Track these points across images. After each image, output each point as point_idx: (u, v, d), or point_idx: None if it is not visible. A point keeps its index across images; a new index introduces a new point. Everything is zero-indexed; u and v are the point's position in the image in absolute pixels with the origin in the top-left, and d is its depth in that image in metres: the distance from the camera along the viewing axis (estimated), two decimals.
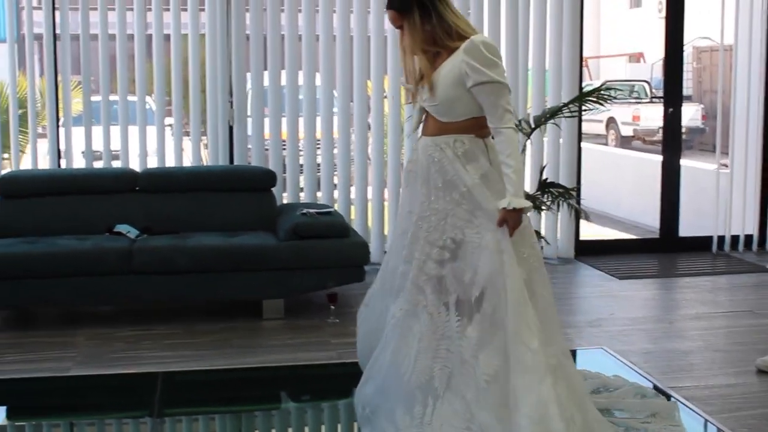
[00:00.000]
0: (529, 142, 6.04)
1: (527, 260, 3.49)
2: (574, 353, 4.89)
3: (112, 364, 4.67)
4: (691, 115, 15.47)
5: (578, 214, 6.87)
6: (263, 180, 6.09)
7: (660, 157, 7.76)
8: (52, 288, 5.28)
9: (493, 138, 3.49)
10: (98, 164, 6.69)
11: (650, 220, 8.65)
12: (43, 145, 6.86)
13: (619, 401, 3.97)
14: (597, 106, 6.09)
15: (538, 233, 6.04)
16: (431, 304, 3.46)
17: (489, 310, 3.38)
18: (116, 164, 6.76)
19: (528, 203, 3.39)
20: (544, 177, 6.11)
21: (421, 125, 3.63)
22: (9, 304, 5.38)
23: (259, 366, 4.65)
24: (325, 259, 5.47)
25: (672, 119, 7.57)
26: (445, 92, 3.45)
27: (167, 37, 6.72)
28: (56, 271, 5.27)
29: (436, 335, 3.43)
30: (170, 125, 7.12)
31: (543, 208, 6.03)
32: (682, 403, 4.03)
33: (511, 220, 3.36)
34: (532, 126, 5.93)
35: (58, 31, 6.59)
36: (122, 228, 5.63)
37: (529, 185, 6.88)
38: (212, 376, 4.58)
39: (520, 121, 6.00)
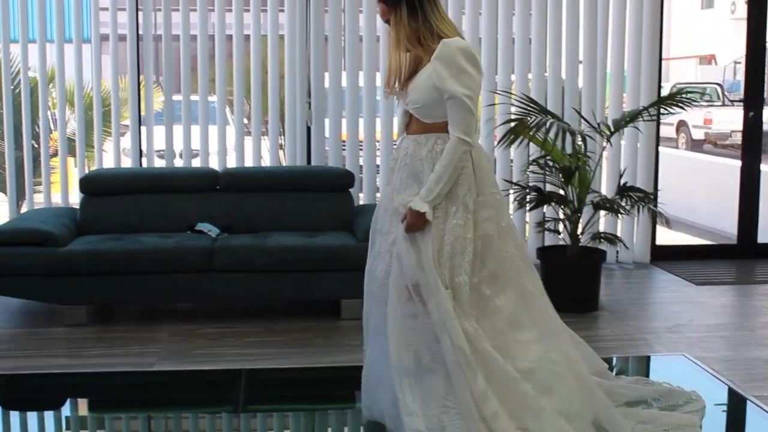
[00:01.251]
0: (608, 145, 5.99)
1: (510, 259, 3.56)
2: (648, 360, 4.90)
3: (195, 360, 4.75)
4: None
5: (656, 218, 6.79)
6: (342, 180, 6.13)
7: (735, 161, 7.63)
8: (137, 284, 5.39)
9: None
10: (175, 163, 6.81)
11: (726, 225, 8.49)
12: (124, 144, 7.00)
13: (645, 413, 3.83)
14: (677, 110, 6.03)
15: (615, 237, 6.00)
16: (395, 289, 3.51)
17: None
18: (194, 163, 6.87)
19: (424, 209, 3.37)
20: (623, 181, 6.06)
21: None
22: (94, 299, 5.48)
23: (343, 365, 4.68)
24: None
25: (752, 123, 7.44)
26: (425, 95, 3.47)
27: (247, 38, 6.82)
28: (141, 268, 5.37)
29: (400, 315, 3.49)
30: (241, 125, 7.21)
31: (621, 212, 5.98)
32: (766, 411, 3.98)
33: (409, 217, 3.41)
34: (612, 129, 5.89)
35: (140, 32, 6.74)
36: (203, 226, 5.72)
37: (605, 188, 6.85)
38: (296, 375, 4.62)
39: (599, 124, 5.97)
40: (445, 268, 3.44)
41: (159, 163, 7.03)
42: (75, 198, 6.98)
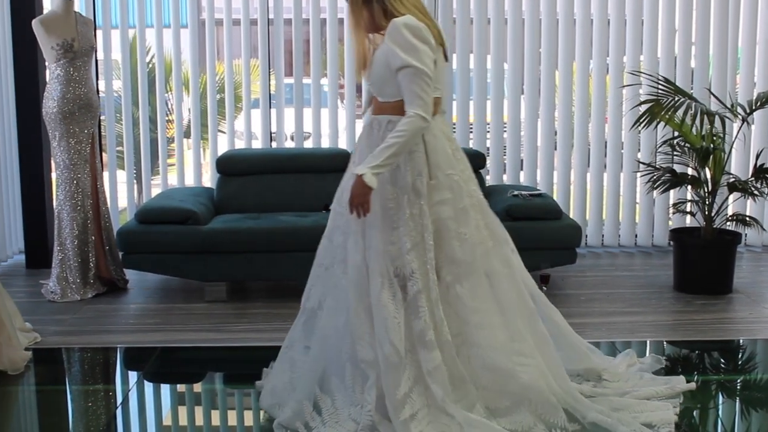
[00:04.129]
0: (745, 126, 5.88)
1: (468, 241, 3.49)
2: None
3: None
4: None
5: None
6: (473, 161, 5.97)
7: None
8: (275, 262, 5.53)
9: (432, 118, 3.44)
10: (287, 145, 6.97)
11: None
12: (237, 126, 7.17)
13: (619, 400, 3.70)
14: None
15: (753, 219, 5.89)
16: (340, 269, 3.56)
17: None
18: (307, 145, 7.01)
19: (363, 171, 3.28)
20: (760, 162, 5.95)
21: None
22: (234, 277, 5.62)
23: None
24: (538, 240, 5.50)
25: None
26: (377, 72, 3.45)
27: None
28: (279, 246, 5.50)
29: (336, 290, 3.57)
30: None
31: (756, 194, 5.87)
32: None
33: (353, 185, 3.34)
34: (747, 110, 5.78)
35: (253, 16, 6.89)
36: None
37: (734, 169, 6.73)
38: None
39: (732, 105, 5.87)
40: (398, 260, 3.42)
41: (286, 144, 7.16)
42: (190, 179, 7.18)
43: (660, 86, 5.76)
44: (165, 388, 4.25)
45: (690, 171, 6.06)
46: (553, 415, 3.42)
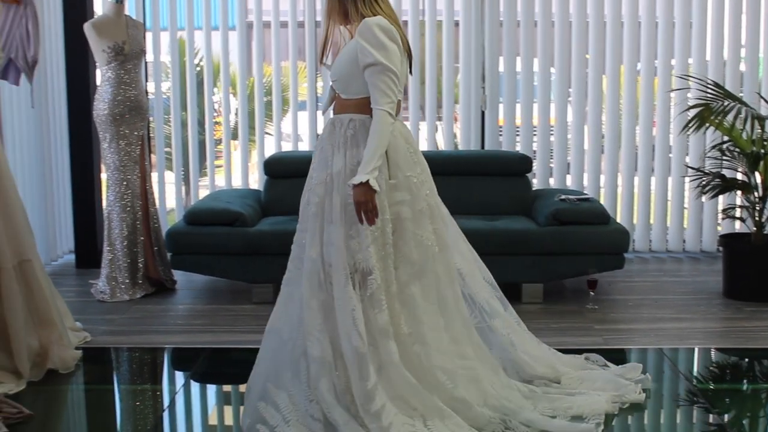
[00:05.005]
0: None
1: (425, 244, 3.53)
2: None
3: None
4: None
5: None
6: (519, 165, 6.14)
7: None
8: None
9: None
10: None
11: None
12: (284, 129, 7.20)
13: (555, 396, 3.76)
14: None
15: None
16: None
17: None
18: None
19: (365, 179, 3.28)
20: None
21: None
22: (281, 279, 5.58)
23: None
24: (585, 245, 5.47)
25: None
26: (343, 68, 3.48)
27: (408, 24, 6.89)
28: None
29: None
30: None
31: None
32: None
33: (355, 194, 3.34)
34: None
35: (300, 18, 6.94)
36: None
37: None
38: None
39: None
40: (358, 255, 3.43)
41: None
42: (237, 181, 7.22)
43: (709, 90, 5.70)
44: (212, 389, 4.28)
45: (740, 176, 5.98)
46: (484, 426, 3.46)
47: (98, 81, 5.80)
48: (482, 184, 6.08)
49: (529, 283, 5.53)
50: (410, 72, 3.63)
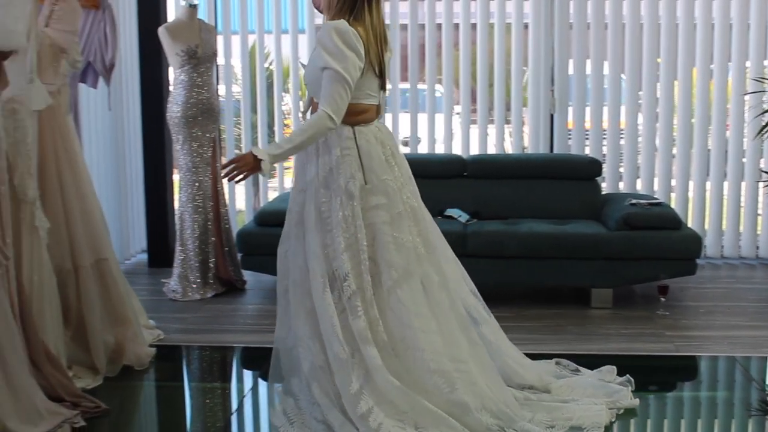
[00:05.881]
0: None
1: (404, 245, 3.53)
2: None
3: None
4: None
5: None
6: (588, 169, 6.09)
7: None
8: None
9: (366, 125, 3.53)
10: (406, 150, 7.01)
11: None
12: None
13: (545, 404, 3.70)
14: None
15: None
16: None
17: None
18: (405, 151, 7.02)
19: (263, 156, 3.30)
20: None
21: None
22: None
23: (600, 354, 4.63)
24: (656, 250, 5.40)
25: None
26: (310, 73, 3.51)
27: (477, 26, 6.89)
28: None
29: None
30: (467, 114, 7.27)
31: None
32: None
33: (246, 156, 3.33)
34: None
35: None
36: (453, 212, 5.83)
37: None
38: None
39: None
40: (334, 262, 3.45)
41: (403, 150, 7.19)
42: None
43: None
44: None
45: None
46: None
47: (171, 84, 5.90)
48: (551, 188, 6.04)
49: (598, 288, 5.48)
50: (381, 76, 3.58)
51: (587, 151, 6.84)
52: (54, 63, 4.28)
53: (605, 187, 6.77)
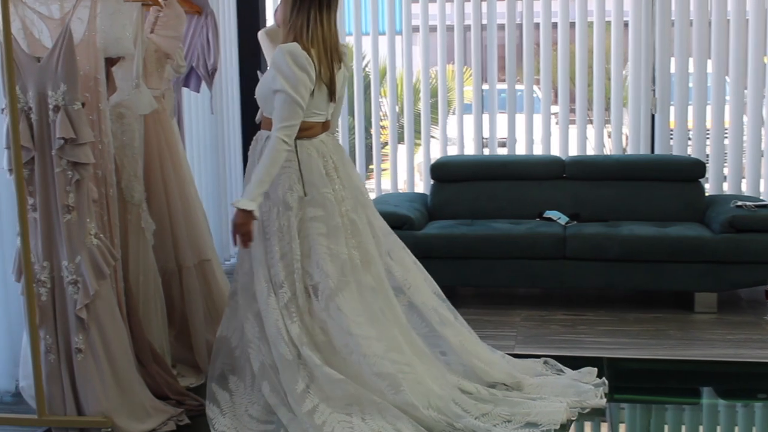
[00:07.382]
0: None
1: (339, 257, 3.63)
2: None
3: (552, 346, 4.80)
4: None
5: None
6: (692, 170, 5.96)
7: None
8: (489, 268, 5.54)
9: (309, 139, 3.66)
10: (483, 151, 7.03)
11: None
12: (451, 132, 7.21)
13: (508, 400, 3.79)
14: None
15: None
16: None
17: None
18: (502, 151, 6.99)
19: (247, 206, 3.45)
20: None
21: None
22: (446, 282, 5.61)
23: (704, 359, 4.54)
24: (763, 253, 5.25)
25: None
26: (261, 89, 3.66)
27: (576, 25, 6.79)
28: (492, 253, 5.51)
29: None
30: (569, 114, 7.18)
31: None
32: None
33: (235, 216, 3.49)
34: None
35: (466, 22, 6.93)
36: (552, 214, 5.77)
37: None
38: (656, 366, 4.55)
39: None
40: (274, 268, 3.58)
41: (500, 150, 7.15)
42: (401, 184, 7.27)
43: None
44: None
45: None
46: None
47: None
48: (652, 190, 5.92)
49: (702, 292, 5.36)
50: (331, 90, 3.67)
51: (690, 151, 6.68)
52: (159, 68, 4.38)
53: (709, 189, 6.60)
